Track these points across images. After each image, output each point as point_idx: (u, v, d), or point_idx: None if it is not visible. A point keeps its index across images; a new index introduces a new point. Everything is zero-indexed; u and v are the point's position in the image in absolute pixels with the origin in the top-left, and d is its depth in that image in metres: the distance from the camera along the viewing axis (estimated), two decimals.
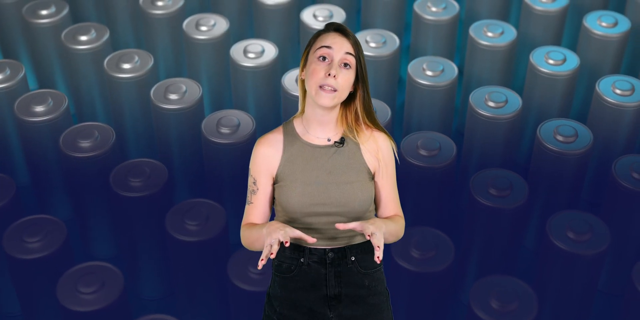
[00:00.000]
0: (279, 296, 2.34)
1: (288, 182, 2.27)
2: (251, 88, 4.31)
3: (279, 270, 2.34)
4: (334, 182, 2.26)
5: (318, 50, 2.23)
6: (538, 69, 4.24)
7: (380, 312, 2.37)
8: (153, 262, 3.78)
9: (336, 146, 2.29)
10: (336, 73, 2.20)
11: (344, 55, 2.22)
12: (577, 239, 3.43)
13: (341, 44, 2.23)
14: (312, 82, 2.21)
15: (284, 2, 4.71)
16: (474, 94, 4.07)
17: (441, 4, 4.69)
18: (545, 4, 4.69)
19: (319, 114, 2.27)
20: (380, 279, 2.37)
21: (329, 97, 2.21)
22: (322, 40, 2.25)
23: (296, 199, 2.26)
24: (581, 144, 3.80)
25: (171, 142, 4.07)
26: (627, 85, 4.06)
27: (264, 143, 2.31)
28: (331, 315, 2.32)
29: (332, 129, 2.31)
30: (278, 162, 2.29)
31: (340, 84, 2.21)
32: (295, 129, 2.32)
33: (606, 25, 4.48)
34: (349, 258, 2.30)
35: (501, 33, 4.46)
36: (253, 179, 2.31)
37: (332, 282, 2.29)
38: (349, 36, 2.25)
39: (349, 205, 2.26)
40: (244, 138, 3.82)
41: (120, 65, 4.21)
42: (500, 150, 4.06)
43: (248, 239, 2.29)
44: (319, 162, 2.28)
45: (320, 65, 2.22)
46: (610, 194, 3.74)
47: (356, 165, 2.30)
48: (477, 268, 3.78)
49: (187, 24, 4.52)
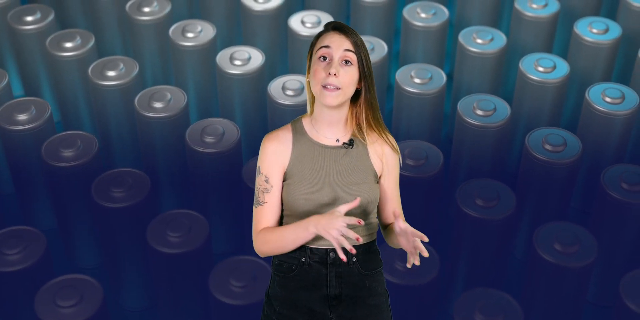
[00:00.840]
0: (279, 296, 2.33)
1: (296, 180, 2.25)
2: (238, 95, 4.27)
3: (279, 269, 2.31)
4: (341, 183, 2.26)
5: (318, 51, 2.24)
6: (527, 77, 4.19)
7: (380, 312, 2.36)
8: (136, 273, 3.73)
9: (345, 148, 2.29)
10: (336, 71, 2.19)
11: (343, 53, 2.21)
12: (564, 251, 3.38)
13: (339, 42, 2.22)
14: (316, 82, 2.22)
15: (271, 8, 4.66)
16: (462, 102, 4.02)
17: (431, 10, 4.64)
18: (536, 10, 4.64)
19: (328, 114, 2.26)
20: (381, 280, 2.36)
21: (333, 95, 2.20)
22: (322, 40, 2.25)
23: (303, 198, 2.24)
24: (570, 153, 3.76)
25: (156, 150, 4.02)
26: (617, 93, 4.01)
27: (273, 139, 2.29)
28: (331, 316, 2.31)
29: (342, 129, 2.30)
30: (288, 159, 2.27)
31: (343, 82, 2.20)
32: (304, 127, 2.31)
33: (597, 32, 4.43)
34: (350, 259, 2.29)
35: (491, 40, 4.42)
36: (265, 177, 2.27)
37: (333, 282, 2.28)
38: (348, 33, 2.24)
39: None
40: (228, 147, 3.77)
41: (105, 73, 4.16)
42: (489, 159, 4.01)
43: (278, 238, 2.23)
44: (327, 162, 2.27)
45: (321, 66, 2.22)
46: (599, 203, 3.70)
47: (363, 167, 2.29)
48: (464, 280, 3.73)
49: (174, 31, 4.47)
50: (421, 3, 4.70)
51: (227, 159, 3.80)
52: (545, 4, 4.65)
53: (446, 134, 4.69)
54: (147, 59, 4.69)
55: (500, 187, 3.64)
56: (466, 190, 3.62)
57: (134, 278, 3.74)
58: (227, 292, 3.26)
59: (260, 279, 3.28)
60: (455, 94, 4.62)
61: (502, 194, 3.61)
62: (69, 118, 4.52)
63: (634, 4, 4.65)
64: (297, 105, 3.99)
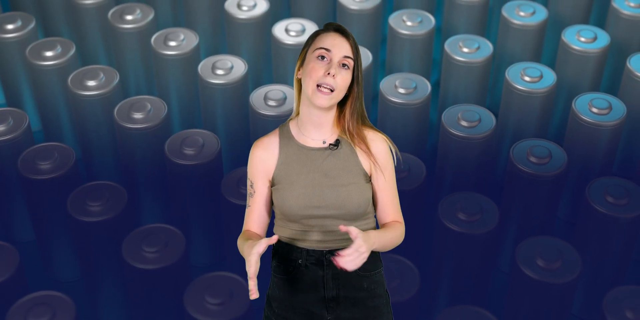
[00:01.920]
0: (278, 297, 2.34)
1: (284, 184, 2.27)
2: (220, 105, 4.20)
3: (277, 271, 2.33)
4: (330, 185, 2.25)
5: (317, 51, 2.22)
6: (514, 86, 4.13)
7: (380, 315, 2.34)
8: (112, 287, 3.67)
9: (331, 148, 2.28)
10: (335, 73, 2.19)
11: (343, 58, 2.22)
12: (547, 267, 3.32)
13: (340, 46, 2.22)
14: (310, 80, 2.20)
15: (256, 16, 4.59)
16: (447, 113, 3.96)
17: (417, 18, 4.57)
18: (524, 17, 4.57)
19: (315, 115, 2.26)
20: (380, 282, 2.35)
21: (326, 98, 2.20)
22: (322, 40, 2.23)
23: (292, 201, 2.25)
24: (555, 165, 3.70)
25: (136, 162, 3.96)
26: (604, 103, 3.95)
27: (259, 146, 2.31)
28: (329, 318, 2.30)
29: (328, 130, 2.29)
30: (274, 165, 2.29)
31: (338, 84, 2.20)
32: (291, 131, 2.31)
33: (585, 40, 4.37)
34: None
35: (477, 48, 4.35)
36: (250, 182, 2.31)
37: (330, 284, 2.28)
38: (349, 37, 2.24)
39: (345, 207, 2.25)
40: (208, 159, 3.71)
41: (85, 82, 4.10)
42: (474, 171, 3.95)
43: (240, 248, 2.27)
44: (314, 165, 2.27)
45: (320, 64, 2.21)
46: (584, 217, 3.63)
47: (352, 168, 2.28)
48: (447, 295, 3.67)
49: (156, 39, 4.41)
50: (407, 11, 4.64)
51: (207, 171, 3.74)
52: (533, 12, 4.59)
53: (432, 144, 4.63)
54: (129, 68, 4.63)
55: (483, 201, 3.58)
56: (448, 204, 3.56)
57: (110, 292, 3.68)
58: (202, 309, 3.19)
59: (237, 295, 3.22)
60: (441, 103, 4.56)
61: (486, 207, 3.55)
62: (50, 128, 4.46)
63: (623, 11, 4.59)
64: (280, 116, 3.93)
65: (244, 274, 3.67)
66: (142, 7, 4.62)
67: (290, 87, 4.07)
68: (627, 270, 3.77)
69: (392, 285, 3.29)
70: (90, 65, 4.25)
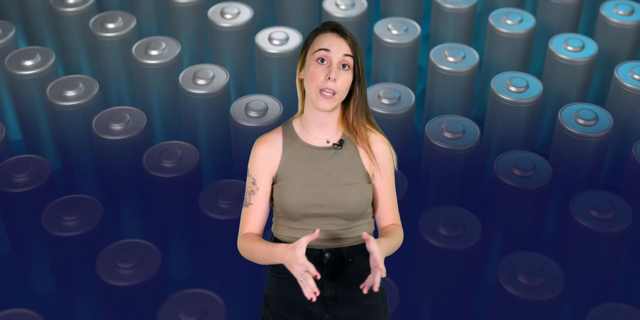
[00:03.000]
0: (275, 297, 2.34)
1: (287, 182, 2.27)
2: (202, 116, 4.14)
3: (275, 270, 2.32)
4: (332, 184, 2.26)
5: (316, 53, 2.23)
6: (499, 96, 4.07)
7: (377, 313, 2.35)
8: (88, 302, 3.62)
9: (335, 148, 2.29)
10: (336, 76, 2.20)
11: (342, 58, 2.22)
12: (529, 284, 3.26)
13: (339, 46, 2.22)
14: (312, 85, 2.22)
15: (239, 24, 4.51)
16: (431, 124, 3.91)
17: (403, 26, 4.49)
18: (511, 26, 4.51)
19: (319, 115, 2.27)
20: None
21: (329, 101, 2.21)
22: (320, 41, 2.24)
23: (294, 199, 2.25)
24: (539, 177, 3.64)
25: (114, 174, 3.90)
26: (591, 114, 3.89)
27: (263, 143, 2.31)
28: (327, 317, 2.31)
29: (332, 130, 2.31)
30: (278, 162, 2.29)
31: (340, 86, 2.21)
32: (295, 129, 2.32)
33: (572, 49, 4.32)
34: (346, 259, 2.29)
35: (463, 57, 4.29)
36: (252, 179, 2.30)
37: (328, 283, 2.29)
38: (347, 36, 2.24)
39: (346, 207, 2.25)
40: (187, 171, 3.67)
41: (64, 92, 4.04)
42: (458, 184, 3.89)
43: (251, 251, 2.26)
44: (317, 164, 2.28)
45: (320, 68, 2.21)
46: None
47: (354, 168, 2.29)
48: (429, 312, 3.62)
49: (137, 48, 4.32)
50: (393, 19, 4.58)
51: (186, 183, 3.68)
52: (520, 20, 4.53)
53: (418, 155, 4.56)
54: (111, 77, 4.57)
55: (465, 215, 3.51)
56: (430, 218, 3.49)
57: (86, 307, 3.63)
58: None
59: (211, 313, 3.15)
60: (427, 113, 4.50)
61: (468, 222, 3.48)
62: (29, 138, 4.38)
63: (612, 19, 4.53)
64: (261, 127, 3.87)
65: (222, 289, 3.63)
66: (124, 15, 4.56)
67: (272, 98, 4.01)
68: (613, 286, 3.71)
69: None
70: (70, 75, 4.19)
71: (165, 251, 3.84)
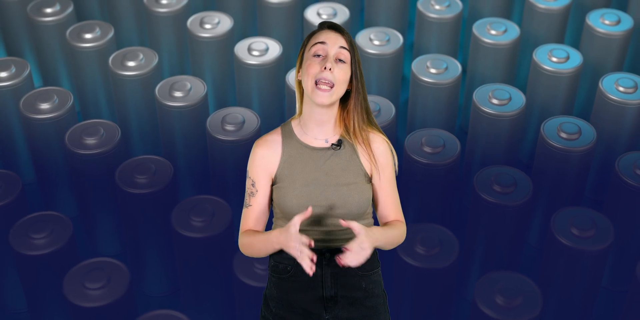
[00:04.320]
0: (275, 297, 2.34)
1: (286, 183, 2.28)
2: (256, 85, 4.29)
3: (275, 271, 2.33)
4: (331, 184, 2.27)
5: (312, 48, 2.25)
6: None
7: (377, 314, 2.35)
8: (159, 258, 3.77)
9: (333, 148, 2.29)
10: (332, 66, 2.21)
11: (338, 50, 2.24)
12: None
13: (335, 39, 2.25)
14: (309, 77, 2.22)
15: (288, 1, 4.62)
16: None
17: (444, 2, 4.65)
18: (548, 2, 4.60)
19: (317, 113, 2.27)
20: (378, 281, 2.36)
21: (326, 95, 2.21)
22: (316, 37, 2.27)
23: (294, 200, 2.26)
24: (585, 141, 3.73)
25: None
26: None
27: (262, 144, 2.31)
28: (327, 317, 2.31)
29: (331, 129, 2.31)
30: (277, 163, 2.30)
31: (337, 78, 2.21)
32: (293, 130, 2.33)
33: (609, 23, 4.39)
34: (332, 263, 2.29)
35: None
36: (252, 181, 2.31)
37: (329, 283, 2.29)
38: (343, 33, 2.27)
39: (345, 207, 2.26)
40: (248, 136, 3.79)
41: (125, 63, 4.18)
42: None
43: (250, 244, 2.29)
44: (316, 164, 2.28)
45: (316, 61, 2.23)
46: (613, 190, 3.67)
47: (353, 168, 2.30)
48: (480, 266, 3.68)
49: (192, 22, 4.46)
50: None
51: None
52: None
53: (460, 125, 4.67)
54: (164, 50, 4.70)
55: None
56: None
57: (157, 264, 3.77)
58: (251, 274, 3.27)
59: None
60: (468, 85, 4.59)
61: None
62: (88, 109, 4.55)
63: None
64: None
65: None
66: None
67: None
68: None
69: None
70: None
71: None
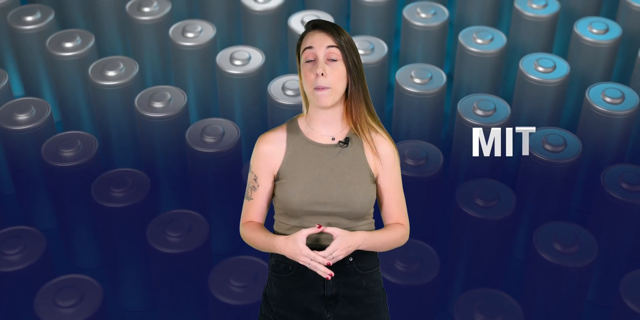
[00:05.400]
0: (276, 296, 2.34)
1: (290, 179, 2.28)
2: (238, 95, 4.22)
3: (276, 270, 2.33)
4: (336, 181, 2.27)
5: (303, 53, 2.26)
6: (527, 77, 4.06)
7: (377, 312, 2.36)
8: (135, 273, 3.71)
9: (340, 146, 2.28)
10: (323, 70, 2.21)
11: (326, 50, 2.24)
12: (564, 251, 3.29)
13: (321, 41, 2.24)
14: (306, 86, 2.25)
15: (272, 8, 4.60)
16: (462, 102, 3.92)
17: (431, 10, 4.60)
18: (536, 10, 4.57)
19: (322, 112, 2.28)
20: (378, 280, 2.37)
21: (325, 96, 2.22)
22: (305, 41, 2.28)
23: (297, 196, 2.26)
24: (570, 152, 3.67)
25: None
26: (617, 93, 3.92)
27: (266, 140, 2.32)
28: (328, 316, 2.32)
29: (337, 127, 2.31)
30: (280, 159, 2.30)
31: (331, 80, 2.22)
32: (299, 126, 2.33)
33: (597, 32, 4.36)
34: (347, 258, 2.29)
35: (491, 39, 4.31)
36: (254, 175, 2.32)
37: (330, 282, 2.29)
38: (327, 29, 2.25)
39: (349, 206, 2.26)
40: (228, 147, 3.72)
41: (105, 73, 4.10)
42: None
43: (252, 242, 2.31)
44: (322, 160, 2.28)
45: (308, 68, 2.24)
46: (599, 203, 3.61)
47: (359, 166, 2.29)
48: (463, 281, 3.64)
49: (174, 31, 4.41)
50: (422, 3, 4.63)
51: (227, 159, 3.71)
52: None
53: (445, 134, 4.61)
54: (146, 59, 4.64)
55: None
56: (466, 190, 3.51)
57: (134, 278, 3.69)
58: (226, 291, 3.18)
59: (261, 279, 3.20)
60: (454, 94, 4.55)
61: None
62: (69, 118, 4.48)
63: (634, 4, 4.57)
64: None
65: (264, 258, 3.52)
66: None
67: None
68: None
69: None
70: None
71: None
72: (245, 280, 3.24)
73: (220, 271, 3.28)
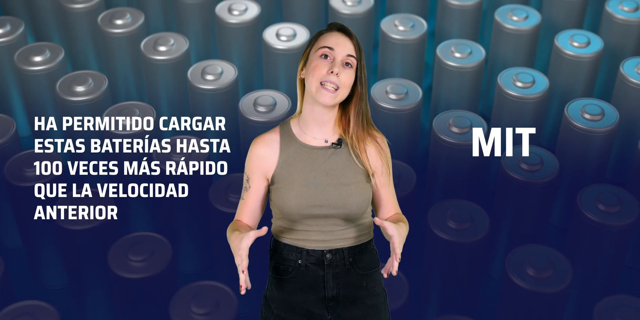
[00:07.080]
0: (276, 298, 2.35)
1: (285, 183, 2.28)
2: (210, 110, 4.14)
3: (276, 272, 2.34)
4: (331, 184, 2.27)
5: (320, 49, 2.26)
6: (505, 92, 4.05)
7: (378, 313, 2.37)
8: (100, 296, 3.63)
9: (334, 148, 2.29)
10: (339, 71, 2.22)
11: (346, 57, 2.24)
12: (537, 276, 3.27)
13: (344, 45, 2.25)
14: (314, 78, 2.23)
15: (247, 21, 4.56)
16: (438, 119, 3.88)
17: (409, 22, 4.54)
18: (517, 22, 4.52)
19: (318, 113, 2.28)
20: (378, 280, 2.38)
21: (330, 95, 2.23)
22: (325, 40, 2.27)
23: (293, 200, 2.27)
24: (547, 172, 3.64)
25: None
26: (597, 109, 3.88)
27: (260, 143, 2.32)
28: (329, 317, 2.33)
29: (330, 129, 2.31)
30: (275, 163, 2.30)
31: (342, 82, 2.23)
32: (292, 129, 2.33)
33: (578, 45, 4.32)
34: (347, 259, 2.31)
35: (469, 53, 4.30)
36: (247, 176, 2.34)
37: (331, 283, 2.31)
38: (352, 37, 2.28)
39: (346, 207, 2.27)
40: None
41: (72, 88, 4.07)
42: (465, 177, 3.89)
43: (228, 238, 2.30)
44: (316, 164, 2.29)
45: (323, 62, 2.24)
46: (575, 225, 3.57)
47: (353, 167, 2.30)
48: (436, 305, 3.60)
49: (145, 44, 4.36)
50: (400, 15, 4.59)
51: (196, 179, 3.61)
52: (526, 16, 4.51)
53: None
54: (119, 73, 4.59)
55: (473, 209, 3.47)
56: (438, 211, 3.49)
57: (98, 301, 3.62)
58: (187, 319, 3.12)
59: (223, 305, 3.14)
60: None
61: (476, 215, 3.44)
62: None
63: (617, 15, 4.51)
64: (269, 122, 3.86)
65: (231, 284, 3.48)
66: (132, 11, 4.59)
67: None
68: (619, 279, 3.63)
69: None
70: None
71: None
72: (207, 306, 3.17)
73: (182, 297, 3.21)
